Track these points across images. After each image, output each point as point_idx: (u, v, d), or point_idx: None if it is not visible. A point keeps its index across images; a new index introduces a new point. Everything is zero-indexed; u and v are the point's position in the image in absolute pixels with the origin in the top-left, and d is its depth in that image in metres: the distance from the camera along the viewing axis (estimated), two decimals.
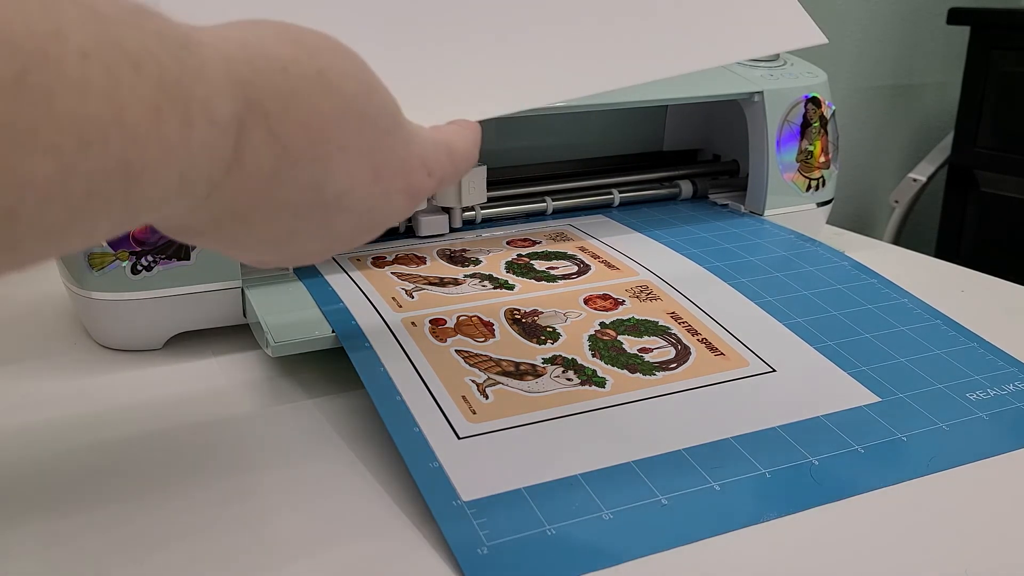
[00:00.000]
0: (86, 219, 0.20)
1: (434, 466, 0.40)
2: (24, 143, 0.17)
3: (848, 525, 0.39)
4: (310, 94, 0.26)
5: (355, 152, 0.28)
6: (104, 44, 0.19)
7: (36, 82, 0.17)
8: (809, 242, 0.66)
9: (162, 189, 0.22)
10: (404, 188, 0.31)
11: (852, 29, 1.45)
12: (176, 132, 0.21)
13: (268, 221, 0.28)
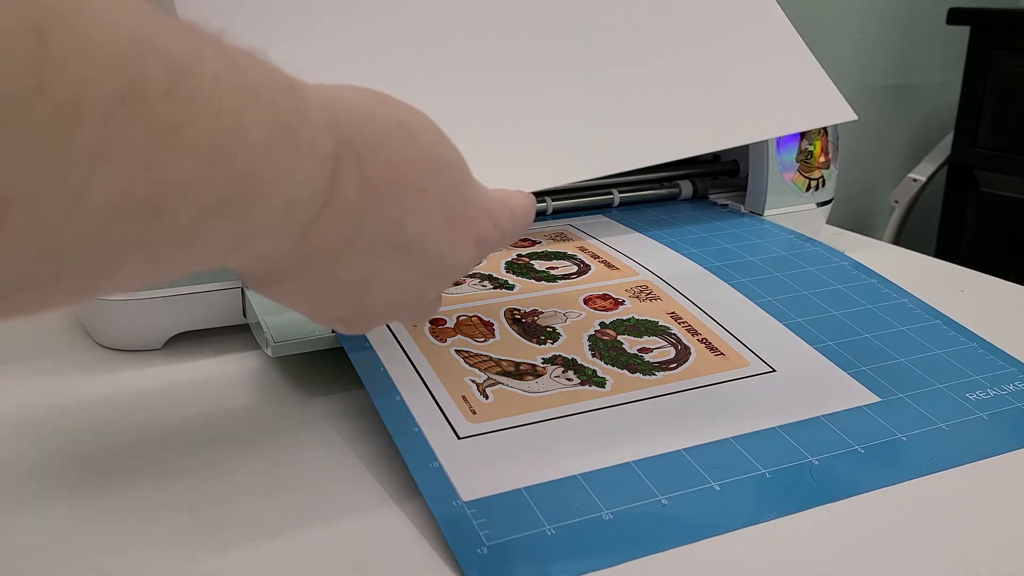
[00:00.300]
0: (210, 230, 0.22)
1: (434, 466, 0.40)
2: (173, 143, 0.19)
3: (848, 525, 0.39)
4: (393, 140, 0.29)
5: (431, 197, 0.31)
6: (231, 72, 0.21)
7: (183, 92, 0.19)
8: (809, 242, 0.66)
9: (272, 213, 0.23)
10: (473, 237, 0.34)
11: (852, 29, 1.46)
12: (287, 159, 0.23)
13: (351, 262, 0.29)
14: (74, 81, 0.16)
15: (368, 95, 0.30)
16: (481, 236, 0.34)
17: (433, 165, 0.31)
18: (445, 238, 0.32)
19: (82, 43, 0.16)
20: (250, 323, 0.54)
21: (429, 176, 0.30)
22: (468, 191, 0.33)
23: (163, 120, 0.18)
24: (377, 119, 0.29)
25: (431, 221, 0.31)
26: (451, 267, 0.34)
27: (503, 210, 0.35)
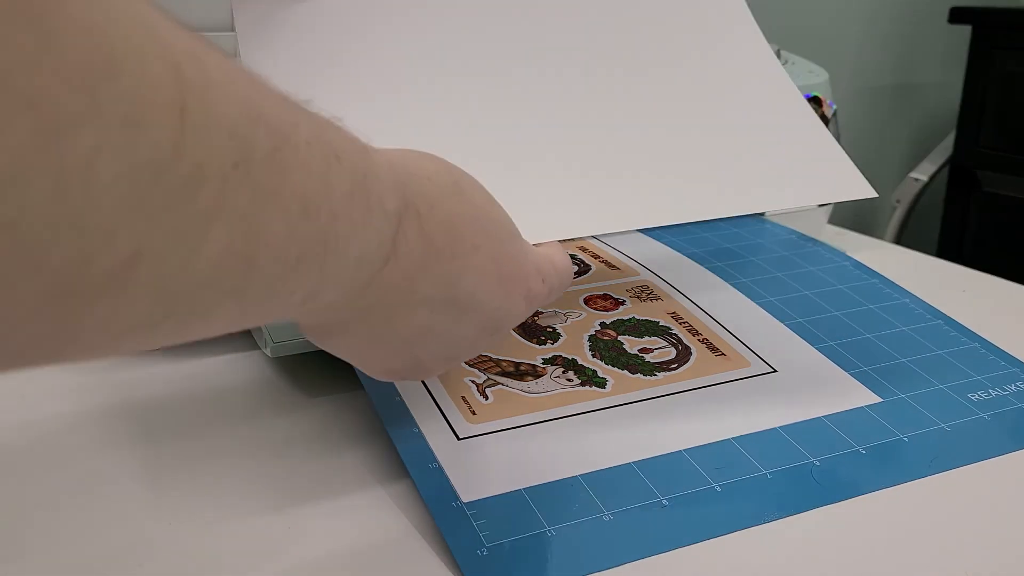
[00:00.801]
0: (291, 282, 0.23)
1: (434, 467, 0.40)
2: (271, 202, 0.21)
3: (849, 526, 0.39)
4: (449, 200, 0.31)
5: (484, 253, 0.33)
6: (319, 137, 0.23)
7: (282, 157, 0.21)
8: (810, 242, 0.66)
9: (344, 267, 0.26)
10: (524, 292, 0.35)
11: (854, 28, 1.45)
12: (361, 216, 0.25)
13: (408, 316, 0.31)
14: (202, 149, 0.18)
15: (425, 158, 0.32)
16: (531, 292, 0.36)
17: (485, 224, 0.33)
18: (498, 294, 0.34)
19: (210, 116, 0.19)
20: None
21: (482, 234, 0.32)
22: (517, 249, 0.35)
23: (265, 182, 0.21)
24: (434, 180, 0.31)
25: (485, 277, 0.33)
26: (502, 321, 0.35)
27: (549, 267, 0.37)
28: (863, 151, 1.56)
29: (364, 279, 0.28)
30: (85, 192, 0.16)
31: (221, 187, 0.19)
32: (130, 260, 0.18)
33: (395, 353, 0.34)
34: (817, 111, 0.70)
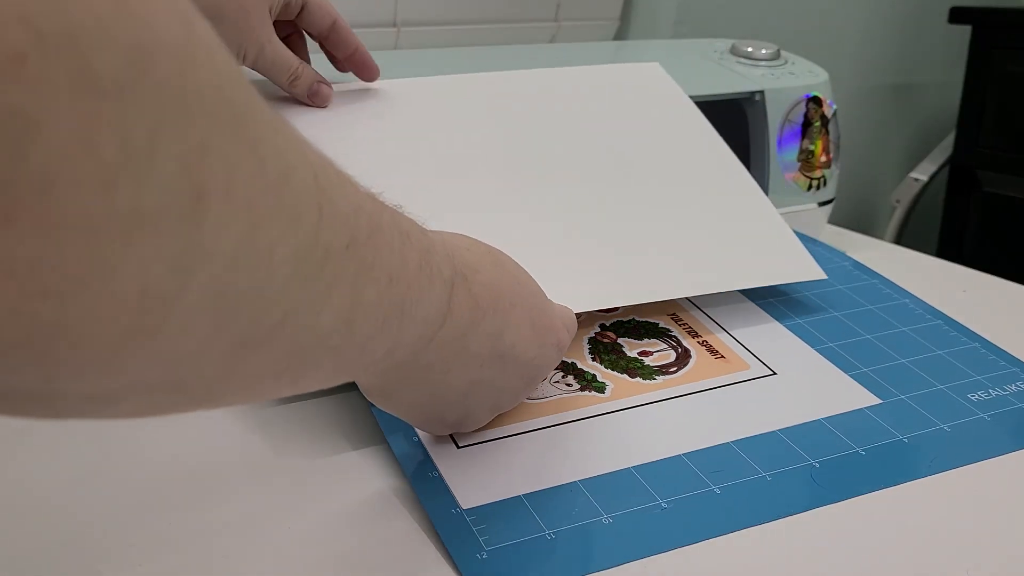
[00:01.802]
0: (376, 342, 0.28)
1: (433, 475, 0.40)
2: (367, 274, 0.26)
3: (850, 527, 0.39)
4: (488, 267, 0.36)
5: (520, 309, 0.37)
6: (394, 222, 0.28)
7: (376, 239, 0.26)
8: (810, 242, 0.66)
9: (414, 327, 0.30)
10: (555, 342, 0.40)
11: (853, 28, 1.45)
12: (426, 283, 0.30)
13: (461, 371, 0.36)
14: (330, 234, 0.23)
15: (463, 238, 0.37)
16: (560, 341, 0.41)
17: (519, 285, 0.38)
18: (534, 344, 0.38)
19: (335, 210, 0.23)
20: None
21: (517, 294, 0.37)
22: (545, 306, 0.40)
23: (365, 258, 0.25)
24: (474, 250, 0.36)
25: (522, 331, 0.37)
26: (540, 369, 0.40)
27: (568, 319, 0.43)
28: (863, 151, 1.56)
29: (428, 337, 0.32)
30: (267, 270, 0.21)
31: (339, 263, 0.24)
32: (282, 320, 0.22)
33: (450, 406, 0.38)
34: (817, 111, 0.70)
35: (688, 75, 0.69)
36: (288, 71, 0.51)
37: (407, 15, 1.06)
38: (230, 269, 0.19)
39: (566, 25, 1.17)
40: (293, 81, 0.52)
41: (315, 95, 0.53)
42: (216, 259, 0.19)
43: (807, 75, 0.72)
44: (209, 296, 0.19)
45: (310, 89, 0.53)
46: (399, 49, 1.07)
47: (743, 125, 0.70)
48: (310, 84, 0.52)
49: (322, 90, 0.53)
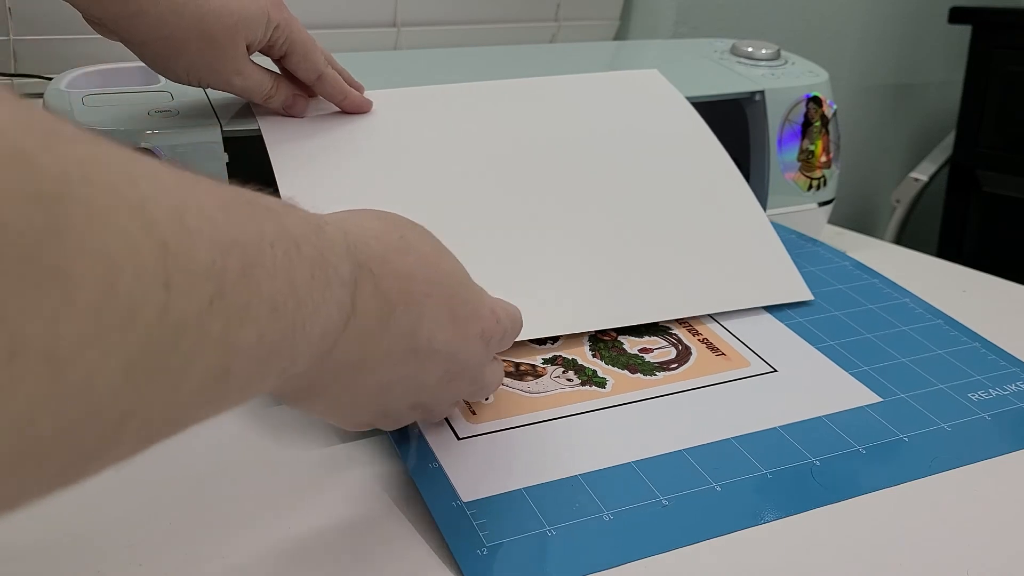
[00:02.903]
0: (264, 372, 0.25)
1: (434, 467, 0.40)
2: (241, 319, 0.23)
3: (849, 526, 0.39)
4: (398, 255, 0.33)
5: (437, 299, 0.35)
6: (282, 234, 0.25)
7: (252, 272, 0.23)
8: (810, 242, 0.66)
9: (311, 343, 0.27)
10: (479, 332, 0.37)
11: (853, 28, 1.45)
12: (321, 293, 0.27)
13: (373, 370, 0.33)
14: (183, 303, 0.20)
15: (371, 217, 0.35)
16: (487, 331, 0.38)
17: (434, 271, 0.35)
18: (454, 337, 0.36)
19: (193, 268, 0.21)
20: None
21: (432, 282, 0.35)
22: (469, 292, 0.37)
23: (237, 301, 0.22)
24: (383, 237, 0.33)
25: (440, 323, 0.35)
26: (463, 364, 0.37)
27: (502, 308, 0.39)
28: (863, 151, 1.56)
29: (329, 344, 0.29)
30: (87, 379, 0.18)
31: (199, 326, 0.21)
32: (120, 420, 0.19)
33: (364, 406, 0.36)
34: (817, 111, 0.70)
35: (688, 75, 0.69)
36: (261, 95, 0.52)
37: (407, 15, 1.06)
38: (36, 419, 0.17)
39: (566, 25, 1.17)
40: (267, 101, 0.53)
41: (290, 107, 0.54)
42: (24, 409, 0.17)
43: (807, 75, 0.72)
44: (29, 440, 0.17)
45: (284, 103, 0.53)
46: (399, 49, 1.07)
47: (743, 125, 0.70)
48: (284, 99, 0.53)
49: (297, 103, 0.54)
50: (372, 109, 0.57)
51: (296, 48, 0.51)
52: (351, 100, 0.55)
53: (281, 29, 0.50)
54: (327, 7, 1.01)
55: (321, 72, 0.53)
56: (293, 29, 0.51)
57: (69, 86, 0.56)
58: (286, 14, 0.50)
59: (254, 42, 0.49)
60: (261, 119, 0.53)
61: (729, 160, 0.62)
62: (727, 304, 0.54)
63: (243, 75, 0.50)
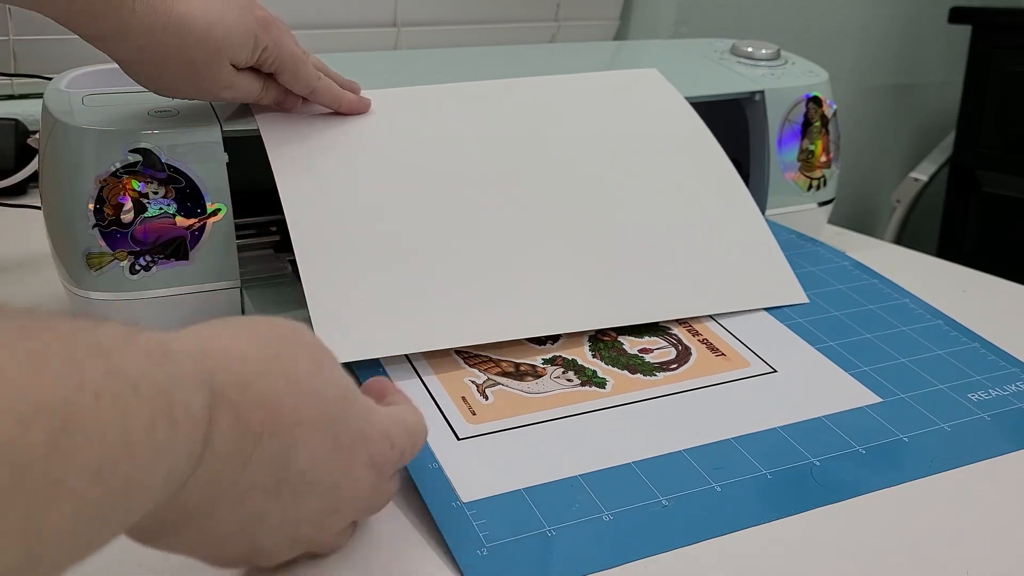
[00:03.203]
0: (97, 536, 0.22)
1: (433, 467, 0.40)
2: (45, 501, 0.19)
3: (849, 526, 0.39)
4: (263, 378, 0.29)
5: (312, 426, 0.30)
6: (112, 378, 0.22)
7: (64, 438, 0.20)
8: (810, 242, 0.66)
9: (153, 492, 0.24)
10: (366, 460, 0.33)
11: (853, 28, 1.45)
12: (165, 435, 0.23)
13: (236, 504, 0.29)
14: None
15: (244, 332, 0.31)
16: (376, 458, 0.33)
17: (311, 395, 0.31)
18: (335, 467, 0.32)
19: None
20: None
21: (308, 406, 0.30)
22: (354, 414, 0.33)
23: (44, 479, 0.19)
24: (250, 359, 0.29)
25: (317, 450, 0.31)
26: (347, 498, 0.33)
27: (399, 430, 0.35)
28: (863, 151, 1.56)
29: (175, 486, 0.25)
30: None
31: None
32: None
33: (231, 543, 0.32)
34: (817, 111, 0.70)
35: (688, 75, 0.69)
36: (251, 99, 0.52)
37: (407, 15, 1.06)
38: None
39: (566, 25, 1.17)
40: (258, 102, 0.53)
41: (282, 104, 0.54)
42: None
43: (807, 75, 0.72)
44: None
45: (276, 101, 0.53)
46: (399, 49, 1.07)
47: (743, 125, 0.70)
48: (275, 98, 0.53)
49: (288, 98, 0.54)
50: (371, 109, 0.57)
51: (286, 67, 0.51)
52: (347, 105, 0.55)
53: (269, 51, 0.50)
54: (327, 7, 1.01)
55: (313, 87, 0.53)
56: (282, 48, 0.50)
57: (69, 86, 0.56)
58: (274, 34, 0.50)
59: (240, 63, 0.49)
60: (260, 119, 0.53)
61: (727, 161, 0.62)
62: (721, 306, 0.54)
63: (232, 88, 0.50)
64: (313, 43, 0.58)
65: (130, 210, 0.49)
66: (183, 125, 0.51)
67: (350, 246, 0.50)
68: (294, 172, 0.52)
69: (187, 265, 0.51)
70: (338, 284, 0.48)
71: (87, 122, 0.50)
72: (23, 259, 0.67)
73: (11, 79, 0.91)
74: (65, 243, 0.51)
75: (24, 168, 0.79)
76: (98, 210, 0.49)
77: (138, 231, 0.50)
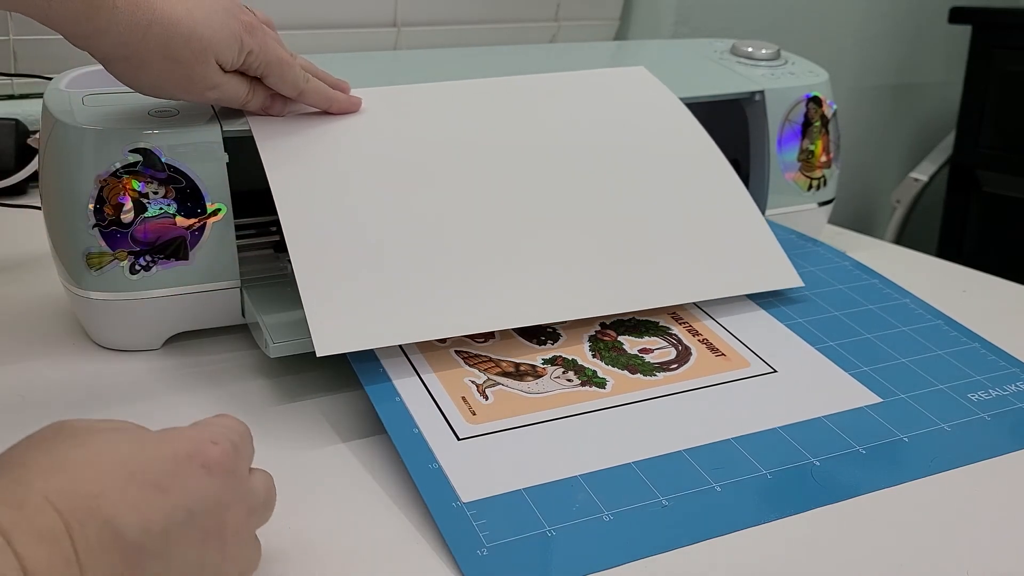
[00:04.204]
0: None
1: (434, 467, 0.40)
2: None
3: (849, 526, 0.39)
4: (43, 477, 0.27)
5: (114, 484, 0.28)
6: None
7: None
8: (810, 242, 0.66)
9: None
10: (199, 465, 0.30)
11: (854, 28, 1.45)
12: None
13: None
14: None
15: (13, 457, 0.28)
16: (206, 459, 0.31)
17: (101, 463, 0.28)
18: (163, 504, 0.28)
19: None
20: (249, 323, 0.53)
21: (103, 477, 0.28)
22: (154, 445, 0.30)
23: None
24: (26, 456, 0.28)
25: (134, 504, 0.28)
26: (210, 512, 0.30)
27: (216, 429, 0.33)
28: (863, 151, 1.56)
29: None
30: None
31: None
32: None
33: None
34: (817, 111, 0.70)
35: (688, 75, 0.69)
36: (237, 103, 0.52)
37: (407, 15, 1.06)
38: None
39: (566, 25, 1.17)
40: (244, 107, 0.52)
41: (268, 109, 0.54)
42: None
43: (807, 75, 0.72)
44: None
45: (262, 106, 0.53)
46: (399, 49, 1.07)
47: (743, 125, 0.71)
48: (261, 102, 0.53)
49: (275, 103, 0.54)
50: (362, 107, 0.57)
51: (272, 70, 0.51)
52: (337, 105, 0.55)
53: (255, 55, 0.50)
54: (327, 7, 1.01)
55: (301, 89, 0.53)
56: (268, 51, 0.50)
57: (69, 86, 0.56)
58: (259, 37, 0.50)
59: (226, 64, 0.49)
60: (251, 118, 0.53)
61: (718, 152, 0.62)
62: (716, 291, 0.54)
63: (218, 89, 0.49)
64: (313, 43, 0.58)
65: (130, 210, 0.49)
66: (183, 125, 0.51)
67: (343, 240, 0.50)
68: (286, 168, 0.52)
69: (187, 265, 0.51)
70: (332, 277, 0.48)
71: (87, 122, 0.50)
72: (23, 259, 0.67)
73: (11, 79, 0.91)
74: (65, 243, 0.51)
75: (24, 168, 0.79)
76: (98, 210, 0.49)
77: (138, 231, 0.50)
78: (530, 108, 0.61)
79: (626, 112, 0.63)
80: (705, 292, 0.54)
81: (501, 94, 0.62)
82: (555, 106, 0.62)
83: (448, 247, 0.51)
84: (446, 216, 0.52)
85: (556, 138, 0.59)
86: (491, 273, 0.51)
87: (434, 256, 0.50)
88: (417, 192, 0.53)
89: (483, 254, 0.51)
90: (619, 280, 0.52)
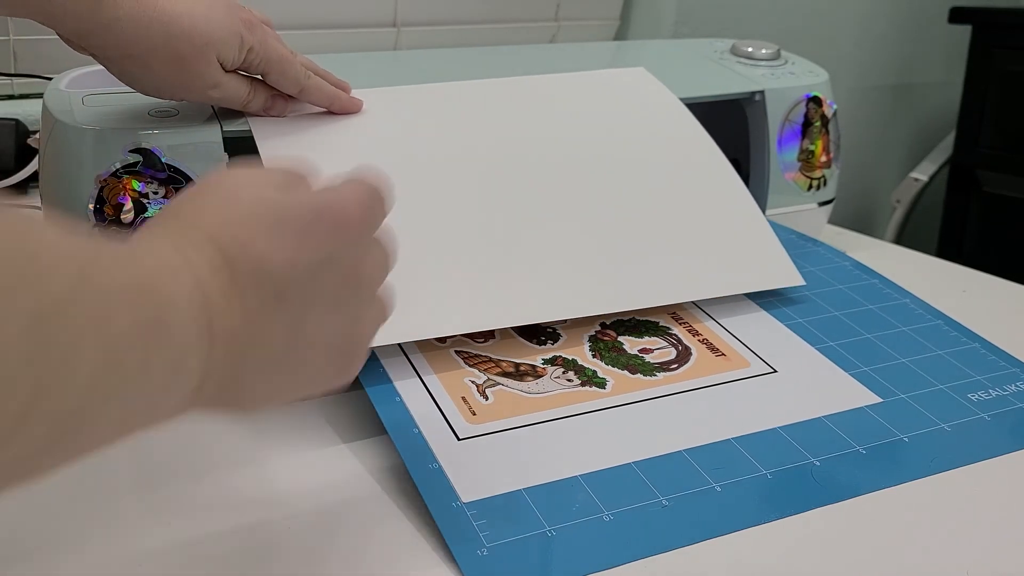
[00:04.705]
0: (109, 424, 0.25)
1: (434, 467, 0.40)
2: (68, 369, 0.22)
3: (849, 526, 0.39)
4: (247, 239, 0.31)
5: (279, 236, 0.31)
6: None
7: None
8: (810, 242, 0.66)
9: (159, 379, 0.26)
10: (338, 220, 0.33)
11: (854, 28, 1.45)
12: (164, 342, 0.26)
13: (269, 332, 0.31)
14: None
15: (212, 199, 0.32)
16: (345, 215, 0.34)
17: (260, 213, 0.31)
18: (296, 241, 0.31)
19: None
20: None
21: (267, 228, 0.31)
22: (294, 200, 0.33)
23: None
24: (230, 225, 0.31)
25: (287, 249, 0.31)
26: (338, 261, 0.33)
27: (353, 188, 0.36)
28: (863, 151, 1.56)
29: (189, 392, 0.28)
30: None
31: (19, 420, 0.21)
32: None
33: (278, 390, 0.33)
34: (817, 111, 0.70)
35: (688, 75, 0.69)
36: (238, 103, 0.52)
37: (407, 15, 1.06)
38: None
39: (566, 25, 1.17)
40: (245, 107, 0.52)
41: (269, 110, 0.54)
42: None
43: (807, 75, 0.72)
44: None
45: (264, 106, 0.53)
46: (399, 49, 1.07)
47: (743, 125, 0.71)
48: (262, 104, 0.53)
49: (276, 104, 0.54)
50: (362, 108, 0.57)
51: (273, 67, 0.51)
52: (339, 104, 0.55)
53: (255, 52, 0.50)
54: (327, 7, 1.01)
55: (302, 85, 0.53)
56: (268, 48, 0.50)
57: (69, 86, 0.56)
58: (259, 34, 0.50)
59: (227, 62, 0.49)
60: (251, 118, 0.53)
61: (719, 152, 0.62)
62: (718, 290, 0.54)
63: (220, 87, 0.49)
64: (313, 43, 0.58)
65: (130, 210, 0.49)
66: (183, 125, 0.51)
67: None
68: None
69: None
70: None
71: (87, 122, 0.50)
72: None
73: (11, 79, 0.91)
74: None
75: (24, 168, 0.79)
76: (98, 210, 0.49)
77: None
78: (530, 109, 0.61)
79: (626, 112, 0.63)
80: (707, 291, 0.54)
81: (501, 95, 0.62)
82: (555, 107, 0.62)
83: (449, 247, 0.51)
84: (446, 216, 0.52)
85: (556, 139, 0.59)
86: (491, 273, 0.51)
87: (435, 256, 0.50)
88: (417, 193, 0.53)
89: (484, 254, 0.51)
90: (620, 279, 0.52)
